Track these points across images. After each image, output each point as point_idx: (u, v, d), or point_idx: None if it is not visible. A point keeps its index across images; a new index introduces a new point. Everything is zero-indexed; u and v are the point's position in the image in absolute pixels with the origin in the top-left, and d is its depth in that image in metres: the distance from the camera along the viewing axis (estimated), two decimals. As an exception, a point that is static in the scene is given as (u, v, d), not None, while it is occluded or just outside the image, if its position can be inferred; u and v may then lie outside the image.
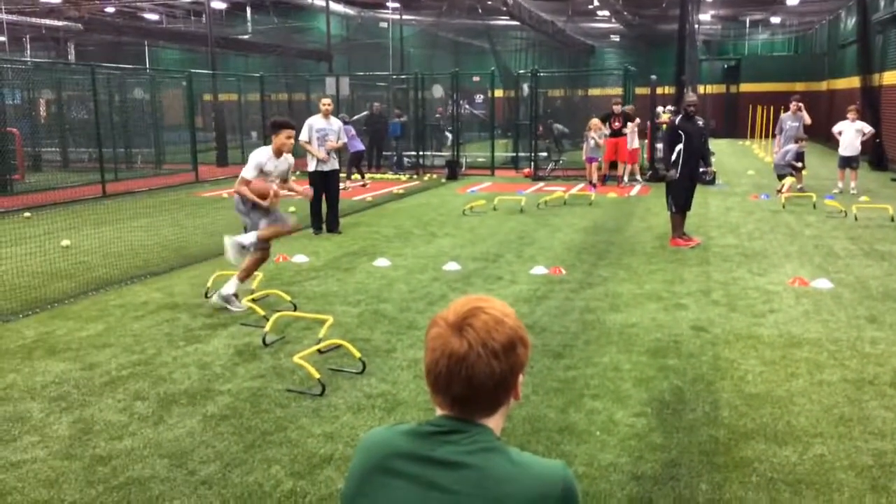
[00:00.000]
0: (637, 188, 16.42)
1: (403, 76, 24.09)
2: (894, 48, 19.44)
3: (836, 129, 14.85)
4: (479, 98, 27.57)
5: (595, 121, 16.43)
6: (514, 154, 21.68)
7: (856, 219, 11.48)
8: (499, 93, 24.53)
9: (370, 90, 25.90)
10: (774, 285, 7.65)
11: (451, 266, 8.59)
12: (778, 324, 6.34)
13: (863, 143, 14.68)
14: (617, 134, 16.47)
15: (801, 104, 15.39)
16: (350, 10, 30.20)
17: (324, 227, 11.02)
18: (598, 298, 7.21)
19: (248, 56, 31.34)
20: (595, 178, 16.45)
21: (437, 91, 22.88)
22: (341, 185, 16.09)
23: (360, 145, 17.35)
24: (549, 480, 1.33)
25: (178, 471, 3.86)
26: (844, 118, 14.69)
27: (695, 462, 3.90)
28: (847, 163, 14.55)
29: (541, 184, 17.56)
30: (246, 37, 30.64)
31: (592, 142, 16.19)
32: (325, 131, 10.82)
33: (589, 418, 4.44)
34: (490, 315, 1.38)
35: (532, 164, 19.18)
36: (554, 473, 1.35)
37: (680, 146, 9.61)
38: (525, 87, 21.79)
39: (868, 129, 14.66)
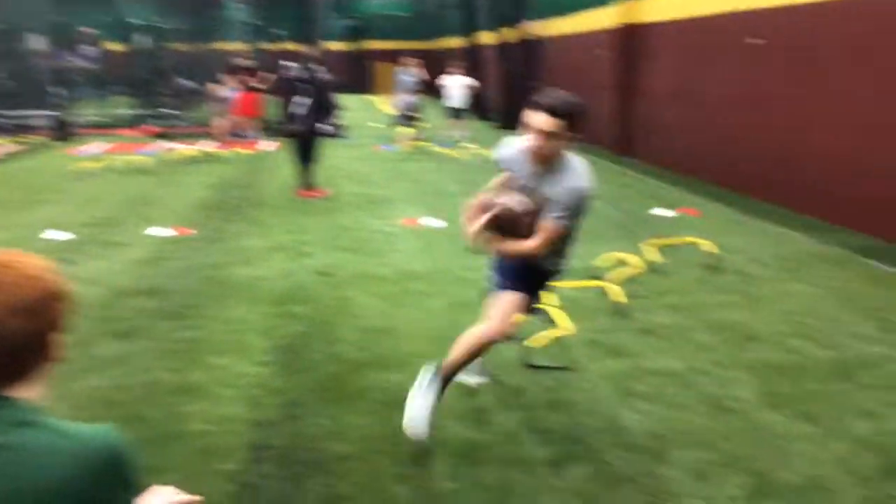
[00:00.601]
0: (267, 143, 16.37)
1: (-8, 24, 20.75)
2: (487, 11, 21.80)
3: (443, 82, 16.29)
4: (92, 51, 24.98)
5: (220, 78, 15.96)
6: (138, 112, 20.13)
7: (465, 163, 12.81)
8: (115, 45, 22.47)
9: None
10: (394, 227, 8.23)
11: (55, 235, 7.72)
12: (396, 262, 6.84)
13: (468, 97, 16.34)
14: (244, 89, 16.17)
15: (413, 60, 16.55)
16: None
17: None
18: (227, 254, 7.08)
19: None
20: (225, 135, 16.00)
21: (37, 42, 20.16)
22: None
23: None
24: (94, 446, 1.24)
25: None
26: (451, 74, 16.17)
27: (314, 399, 4.06)
28: (456, 113, 16.09)
29: (167, 142, 16.59)
30: None
31: (221, 96, 15.73)
32: None
33: (210, 375, 4.35)
34: (15, 270, 1.25)
35: (156, 121, 18.00)
36: (98, 439, 1.26)
37: (303, 99, 9.75)
38: (144, 40, 20.24)
39: (471, 82, 16.32)
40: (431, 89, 17.36)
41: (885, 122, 7.31)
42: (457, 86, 15.93)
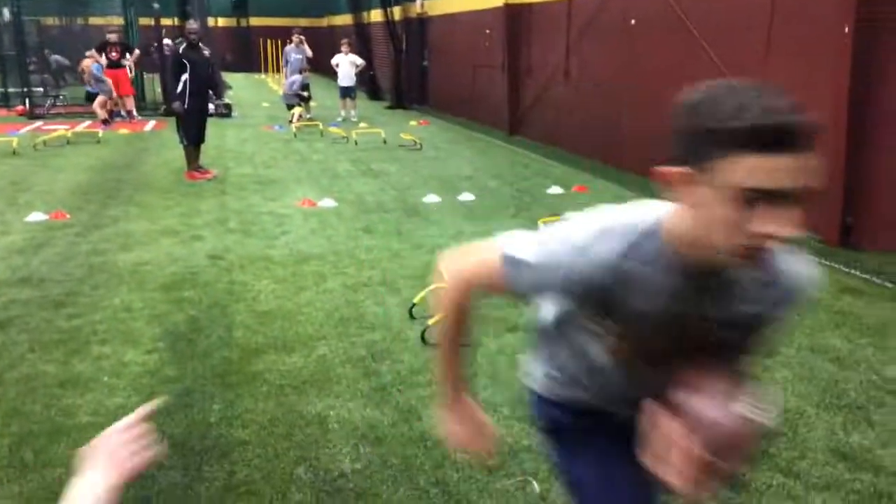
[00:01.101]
0: (147, 123, 15.66)
1: None
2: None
3: (333, 61, 16.05)
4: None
5: (90, 54, 15.14)
6: (3, 90, 18.78)
7: (356, 143, 12.68)
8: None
9: None
10: (286, 208, 8.06)
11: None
12: (289, 244, 6.72)
13: (359, 75, 16.16)
14: (116, 65, 15.38)
15: (302, 37, 16.21)
16: None
17: None
18: (108, 240, 6.75)
19: None
20: (103, 115, 15.19)
21: None
22: None
23: None
24: None
25: None
26: (342, 52, 15.95)
27: (208, 386, 3.94)
28: (346, 92, 15.90)
29: (39, 122, 15.59)
30: None
31: (95, 75, 14.92)
32: None
33: (96, 365, 4.15)
34: None
35: (26, 100, 16.85)
36: None
37: (186, 77, 9.36)
38: (6, 12, 18.84)
39: (360, 61, 16.16)
40: (319, 67, 17.05)
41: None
42: (345, 63, 15.73)
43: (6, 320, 4.79)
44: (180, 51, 9.52)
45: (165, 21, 19.70)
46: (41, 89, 17.85)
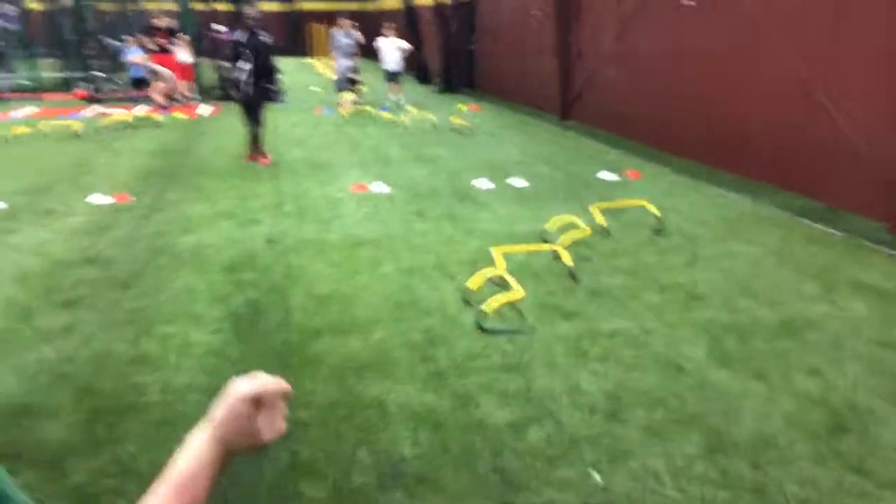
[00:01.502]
0: (207, 108, 15.92)
1: None
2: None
3: (376, 44, 15.98)
4: (12, 10, 23.71)
5: (132, 40, 15.54)
6: (66, 75, 19.28)
7: (406, 128, 12.72)
8: (35, 5, 21.38)
9: None
10: (339, 192, 8.15)
11: (-12, 204, 7.43)
12: (343, 228, 6.79)
13: (407, 60, 16.11)
14: (163, 50, 15.65)
15: (351, 22, 16.19)
16: None
17: None
18: (170, 222, 6.91)
19: None
20: (162, 100, 15.50)
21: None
22: None
23: None
24: None
25: None
26: (386, 36, 15.86)
27: (270, 367, 4.03)
28: (392, 77, 15.88)
29: (100, 106, 15.98)
30: None
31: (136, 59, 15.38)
32: None
33: (163, 344, 4.28)
34: None
35: (87, 85, 17.29)
36: None
37: (246, 63, 9.47)
38: (66, -2, 19.30)
39: (406, 45, 16.07)
40: (368, 51, 17.07)
41: (827, 88, 7.54)
42: (392, 48, 15.66)
43: (76, 299, 4.96)
44: (240, 37, 9.62)
45: (219, 6, 19.98)
46: (100, 73, 18.27)
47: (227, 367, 4.01)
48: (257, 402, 1.03)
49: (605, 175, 8.99)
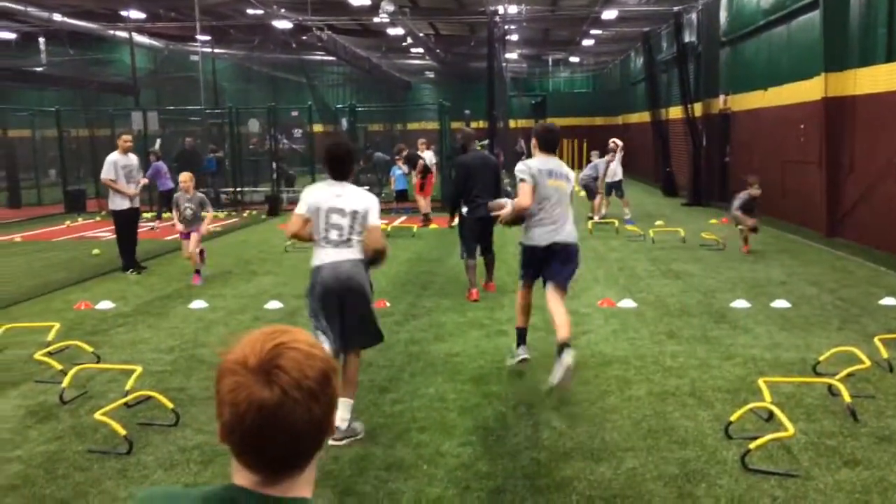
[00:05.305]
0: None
1: (217, 110, 23.27)
2: (676, 86, 21.45)
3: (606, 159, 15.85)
4: (298, 132, 27.23)
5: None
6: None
7: (653, 241, 12.45)
8: (318, 127, 24.35)
9: (183, 125, 24.81)
10: (586, 308, 8.07)
11: (273, 304, 8.32)
12: (590, 344, 6.68)
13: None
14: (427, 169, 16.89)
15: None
16: (156, 43, 28.80)
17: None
18: (423, 329, 7.25)
19: (42, 89, 28.98)
20: (427, 209, 16.60)
21: (254, 125, 22.35)
22: (152, 225, 15.27)
23: (170, 183, 16.41)
24: None
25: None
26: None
27: (519, 487, 3.97)
28: (612, 189, 15.71)
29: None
30: (39, 69, 28.26)
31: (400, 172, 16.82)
32: (129, 168, 10.42)
33: (416, 452, 4.40)
34: (298, 350, 1.17)
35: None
36: None
37: (462, 181, 8.74)
38: (344, 122, 21.82)
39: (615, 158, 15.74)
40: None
41: None
42: (615, 161, 15.58)
43: (340, 400, 5.30)
44: (460, 157, 9.24)
45: (475, 124, 21.42)
46: (367, 187, 20.19)
47: (476, 483, 4.01)
48: None
49: (887, 300, 8.01)
